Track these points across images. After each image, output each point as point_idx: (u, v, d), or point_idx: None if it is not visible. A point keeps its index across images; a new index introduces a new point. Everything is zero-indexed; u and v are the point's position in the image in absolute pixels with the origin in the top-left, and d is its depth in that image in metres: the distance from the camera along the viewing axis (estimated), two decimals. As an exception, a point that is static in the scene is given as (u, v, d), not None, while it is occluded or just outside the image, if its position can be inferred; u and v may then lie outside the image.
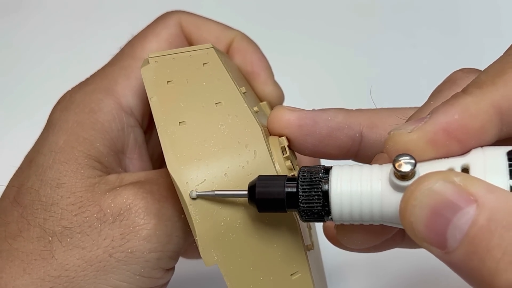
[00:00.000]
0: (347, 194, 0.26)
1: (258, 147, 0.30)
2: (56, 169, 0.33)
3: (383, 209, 0.26)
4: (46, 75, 0.63)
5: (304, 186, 0.27)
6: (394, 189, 0.26)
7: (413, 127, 0.26)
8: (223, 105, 0.32)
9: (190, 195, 0.28)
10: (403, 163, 0.25)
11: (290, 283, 0.30)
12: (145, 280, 0.32)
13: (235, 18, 0.48)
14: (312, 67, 0.65)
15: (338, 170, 0.27)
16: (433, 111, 0.26)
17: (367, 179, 0.26)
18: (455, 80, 0.31)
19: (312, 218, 0.28)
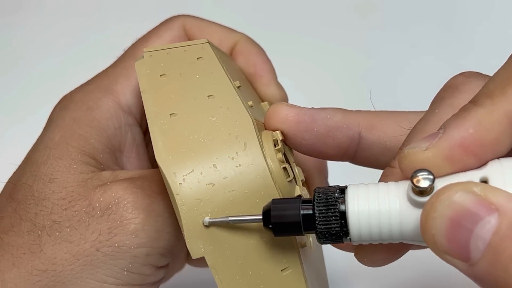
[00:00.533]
0: (365, 213, 0.26)
1: (248, 139, 0.30)
2: (49, 164, 0.33)
3: (402, 227, 0.26)
4: (48, 74, 0.63)
5: (320, 207, 0.27)
6: (412, 206, 0.25)
7: (428, 144, 0.26)
8: (215, 98, 0.31)
9: (204, 223, 0.28)
10: (421, 179, 0.24)
11: (280, 278, 0.29)
12: (133, 276, 0.31)
13: (233, 20, 0.48)
14: (312, 68, 0.64)
15: (354, 189, 0.27)
16: (445, 126, 0.26)
17: (384, 197, 0.26)
18: (456, 86, 0.30)
19: (330, 240, 0.27)
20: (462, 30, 0.66)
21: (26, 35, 0.67)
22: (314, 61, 0.65)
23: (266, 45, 0.41)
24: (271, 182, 0.29)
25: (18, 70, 0.64)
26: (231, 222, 0.28)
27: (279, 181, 0.30)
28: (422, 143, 0.26)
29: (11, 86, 0.63)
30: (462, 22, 0.67)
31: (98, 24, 0.67)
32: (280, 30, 0.67)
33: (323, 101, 0.34)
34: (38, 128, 0.36)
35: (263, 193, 0.29)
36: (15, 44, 0.66)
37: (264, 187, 0.29)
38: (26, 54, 0.65)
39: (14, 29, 0.67)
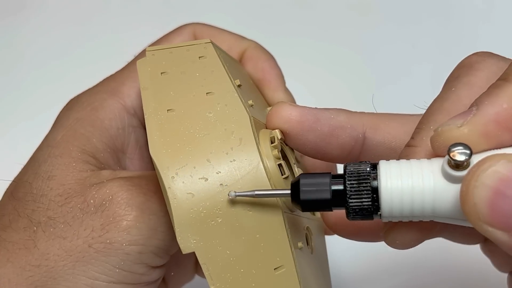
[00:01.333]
0: (398, 189, 0.25)
1: (244, 135, 0.29)
2: (49, 162, 0.33)
3: (436, 203, 0.25)
4: (57, 73, 0.64)
5: (352, 181, 0.26)
6: (448, 181, 0.25)
7: (462, 121, 0.26)
8: (214, 95, 0.31)
9: (229, 195, 0.27)
10: (458, 153, 0.24)
11: (273, 277, 0.28)
12: (125, 275, 0.31)
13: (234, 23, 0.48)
14: (312, 68, 0.64)
15: (386, 165, 0.26)
16: (478, 103, 0.26)
17: (417, 172, 0.26)
18: (471, 64, 0.30)
19: (360, 215, 0.26)
20: (462, 30, 0.66)
21: (32, 34, 0.68)
22: (314, 62, 0.65)
23: (267, 47, 0.41)
24: (265, 177, 0.28)
25: (28, 69, 0.65)
26: (257, 196, 0.27)
27: (273, 177, 0.29)
28: (457, 120, 0.26)
29: (19, 85, 0.64)
30: (462, 22, 0.66)
31: (101, 25, 0.68)
32: (280, 31, 0.67)
33: (322, 101, 0.33)
34: (46, 128, 0.37)
35: (256, 188, 0.28)
36: (22, 43, 0.67)
37: (258, 182, 0.28)
38: (35, 53, 0.66)
39: (21, 27, 0.68)
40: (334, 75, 0.63)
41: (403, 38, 0.65)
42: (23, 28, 0.68)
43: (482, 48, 0.55)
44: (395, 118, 0.33)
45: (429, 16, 0.67)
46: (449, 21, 0.67)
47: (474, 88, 0.29)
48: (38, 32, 0.68)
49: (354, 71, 0.63)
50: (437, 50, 0.64)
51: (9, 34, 0.68)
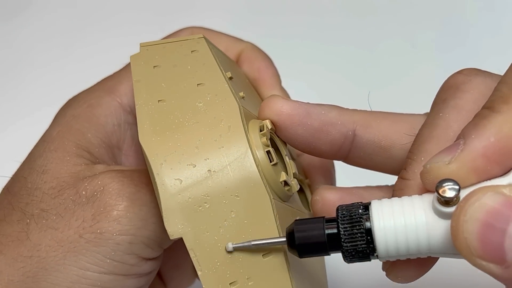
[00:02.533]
0: (391, 229, 0.25)
1: (232, 122, 0.29)
2: (44, 157, 0.34)
3: (430, 240, 0.25)
4: (56, 72, 0.64)
5: (345, 225, 0.26)
6: (439, 217, 0.25)
7: (450, 157, 0.25)
8: (205, 86, 0.31)
9: (226, 248, 0.27)
10: (447, 189, 0.24)
11: (261, 263, 0.28)
12: (116, 265, 0.30)
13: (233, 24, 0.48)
14: (312, 68, 0.64)
15: (377, 205, 0.26)
16: (465, 135, 0.26)
17: (409, 210, 0.25)
18: (457, 85, 0.30)
19: (357, 258, 0.26)
20: (462, 29, 0.65)
21: (33, 34, 0.69)
22: (314, 62, 0.65)
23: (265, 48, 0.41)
24: (253, 163, 0.28)
25: (27, 67, 0.66)
26: (254, 246, 0.27)
27: (262, 164, 0.29)
28: (444, 157, 0.26)
29: (18, 83, 0.65)
30: (462, 22, 0.66)
31: (105, 25, 0.68)
32: (280, 32, 0.67)
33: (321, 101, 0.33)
34: (45, 126, 0.37)
35: (244, 174, 0.28)
36: (22, 44, 0.68)
37: (246, 168, 0.28)
38: (35, 52, 0.67)
39: (22, 28, 0.69)
40: (333, 75, 0.63)
41: (402, 38, 0.65)
42: (23, 28, 0.69)
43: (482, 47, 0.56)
44: (387, 116, 0.33)
45: (429, 16, 0.67)
46: (449, 21, 0.67)
47: (462, 112, 0.28)
48: (39, 33, 0.69)
49: (353, 71, 0.63)
50: (437, 50, 0.64)
51: (9, 34, 0.69)
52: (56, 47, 0.67)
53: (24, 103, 0.62)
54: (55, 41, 0.68)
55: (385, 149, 0.32)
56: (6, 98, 0.64)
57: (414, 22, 0.67)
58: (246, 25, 0.67)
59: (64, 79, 0.58)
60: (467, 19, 0.66)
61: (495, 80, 0.28)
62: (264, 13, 0.70)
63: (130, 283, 0.31)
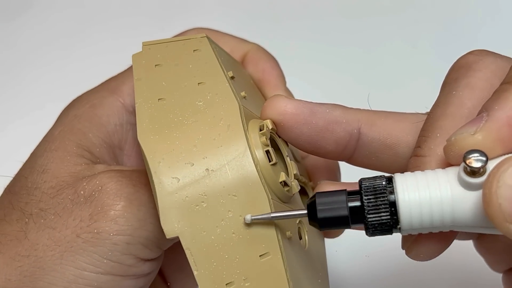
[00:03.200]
0: (416, 201, 0.25)
1: (232, 121, 0.29)
2: (45, 156, 0.34)
3: (455, 212, 0.25)
4: (61, 73, 0.65)
5: (369, 196, 0.26)
6: (465, 188, 0.25)
7: (475, 128, 0.25)
8: (206, 85, 0.31)
9: (245, 219, 0.27)
10: (474, 160, 0.24)
11: (258, 264, 0.27)
12: (113, 265, 0.30)
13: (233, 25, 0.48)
14: (311, 68, 0.63)
15: (402, 178, 0.26)
16: (487, 108, 0.26)
17: (434, 183, 0.25)
18: (469, 65, 0.30)
19: (379, 230, 0.26)
20: (462, 30, 0.65)
21: (36, 35, 0.69)
22: (314, 62, 0.64)
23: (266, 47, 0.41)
24: (252, 163, 0.28)
25: (28, 67, 0.66)
26: (274, 218, 0.27)
27: (260, 163, 0.28)
28: (469, 128, 0.26)
29: (19, 83, 0.65)
30: (462, 22, 0.66)
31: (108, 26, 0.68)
32: (282, 33, 0.67)
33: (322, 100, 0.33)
34: (46, 125, 0.37)
35: (242, 173, 0.28)
36: (24, 44, 0.69)
37: (244, 167, 0.28)
38: (38, 53, 0.68)
39: (24, 28, 0.70)
40: (333, 75, 0.63)
41: (403, 39, 0.65)
42: (25, 28, 0.70)
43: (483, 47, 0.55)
44: (390, 115, 0.32)
45: (430, 17, 0.67)
46: (449, 21, 0.66)
47: (475, 90, 0.28)
48: (41, 32, 0.69)
49: (354, 71, 0.63)
50: (438, 51, 0.64)
51: (12, 34, 0.69)
52: (58, 47, 0.68)
53: (25, 102, 0.63)
54: (57, 41, 0.68)
55: (391, 146, 0.32)
56: (7, 97, 0.64)
57: (416, 23, 0.67)
58: (248, 25, 0.67)
59: (65, 79, 0.59)
60: (469, 20, 0.66)
61: (505, 60, 0.29)
62: (265, 13, 0.70)
63: (127, 284, 0.31)
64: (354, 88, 0.60)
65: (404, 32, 0.66)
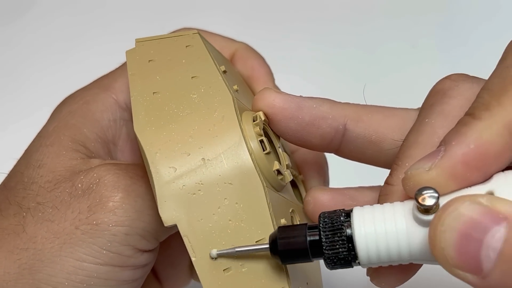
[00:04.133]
0: (372, 236, 0.26)
1: (226, 113, 0.30)
2: (40, 151, 0.34)
3: (410, 247, 0.25)
4: (55, 72, 0.65)
5: (326, 232, 0.26)
6: (419, 225, 0.25)
7: (430, 164, 0.25)
8: (199, 78, 0.32)
9: (210, 255, 0.27)
10: (427, 197, 0.25)
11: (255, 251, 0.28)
12: (112, 256, 0.31)
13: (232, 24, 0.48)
14: (311, 67, 0.64)
15: (359, 212, 0.26)
16: (445, 142, 0.26)
17: (390, 217, 0.26)
18: (444, 91, 0.30)
19: (339, 265, 0.27)
20: (462, 30, 0.66)
21: (32, 35, 0.70)
22: (313, 61, 0.65)
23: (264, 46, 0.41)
24: (246, 152, 0.29)
25: (28, 68, 0.67)
26: (238, 252, 0.27)
27: (255, 152, 0.29)
28: (425, 163, 0.26)
29: (19, 84, 0.65)
30: (462, 22, 0.66)
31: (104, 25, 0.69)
32: (280, 31, 0.68)
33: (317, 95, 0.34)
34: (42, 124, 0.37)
35: (237, 162, 0.28)
36: (21, 44, 0.69)
37: (239, 156, 0.29)
38: (37, 53, 0.68)
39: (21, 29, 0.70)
40: (332, 75, 0.63)
41: (402, 38, 0.66)
42: (26, 31, 0.70)
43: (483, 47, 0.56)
44: (379, 110, 0.33)
45: (429, 16, 0.67)
46: (449, 21, 0.67)
47: (448, 118, 0.29)
48: (42, 35, 0.70)
49: (353, 71, 0.64)
50: (437, 50, 0.64)
51: (13, 36, 0.70)
52: (57, 49, 0.68)
53: (25, 103, 0.63)
54: (56, 43, 0.69)
55: (375, 143, 0.32)
56: (7, 98, 0.64)
57: (414, 22, 0.67)
58: (246, 24, 0.67)
59: (64, 80, 0.58)
60: (468, 19, 0.66)
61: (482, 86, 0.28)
62: (264, 12, 0.70)
63: (126, 275, 0.31)
64: (352, 88, 0.60)
65: (404, 32, 0.66)
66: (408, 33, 0.66)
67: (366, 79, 0.60)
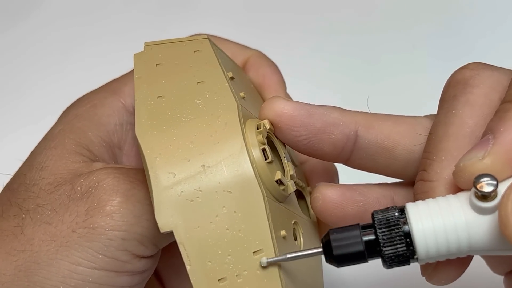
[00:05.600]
0: (430, 230, 0.25)
1: (229, 119, 0.29)
2: (44, 154, 0.34)
3: (471, 238, 0.25)
4: (63, 74, 0.65)
5: (383, 229, 0.26)
6: (478, 213, 0.25)
7: (483, 152, 0.25)
8: (205, 84, 0.31)
9: (261, 263, 0.27)
10: (485, 184, 0.24)
11: (251, 261, 0.27)
12: (108, 261, 0.30)
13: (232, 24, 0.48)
14: (311, 67, 0.64)
15: (414, 207, 0.26)
16: (492, 130, 0.26)
17: (446, 210, 0.25)
18: (466, 80, 0.29)
19: (397, 262, 0.26)
20: (462, 30, 0.65)
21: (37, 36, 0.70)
22: (313, 61, 0.64)
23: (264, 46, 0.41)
24: (247, 160, 0.28)
25: (34, 70, 0.67)
26: (290, 259, 0.27)
27: (256, 161, 0.29)
28: (477, 152, 0.26)
29: (24, 86, 0.66)
30: (462, 22, 0.66)
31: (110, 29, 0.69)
32: (281, 35, 0.67)
33: (321, 100, 0.33)
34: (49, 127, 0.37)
35: (237, 170, 0.28)
36: (26, 46, 0.70)
37: (240, 164, 0.28)
38: (39, 55, 0.68)
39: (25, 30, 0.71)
40: (332, 75, 0.63)
41: (403, 39, 0.65)
42: (27, 31, 0.71)
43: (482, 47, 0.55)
44: (389, 118, 0.32)
45: (430, 17, 0.67)
46: (449, 21, 0.66)
47: (475, 107, 0.28)
48: (44, 37, 0.70)
49: (353, 71, 0.63)
50: (438, 51, 0.64)
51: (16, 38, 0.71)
52: (60, 50, 0.69)
53: (31, 105, 0.63)
54: (59, 44, 0.69)
55: (388, 149, 0.32)
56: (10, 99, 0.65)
57: (415, 22, 0.67)
58: (248, 25, 0.67)
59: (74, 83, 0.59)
60: (468, 19, 0.66)
61: (502, 73, 0.28)
62: (265, 13, 0.70)
63: (122, 281, 0.31)
64: (353, 88, 0.60)
65: (404, 33, 0.66)
66: (408, 33, 0.66)
67: (366, 80, 0.60)
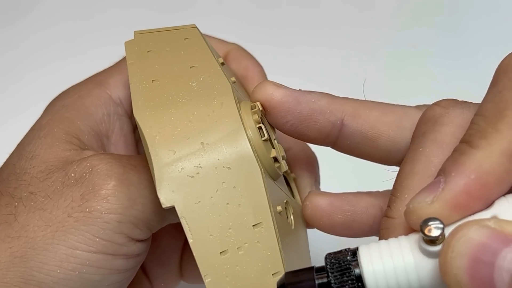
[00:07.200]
0: (381, 273, 0.25)
1: (225, 100, 0.30)
2: (33, 143, 0.34)
3: (420, 279, 0.25)
4: (49, 69, 0.66)
5: (335, 273, 0.26)
6: (426, 256, 0.25)
7: (432, 196, 0.25)
8: (198, 68, 0.32)
9: None
10: (432, 228, 0.24)
11: (251, 234, 0.28)
12: (105, 244, 0.30)
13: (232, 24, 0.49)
14: (311, 67, 0.64)
15: (365, 250, 0.26)
16: (445, 173, 0.26)
17: (397, 252, 0.25)
18: (435, 118, 0.30)
19: None
20: (462, 30, 0.66)
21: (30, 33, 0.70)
22: (313, 61, 0.65)
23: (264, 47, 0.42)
24: (245, 137, 0.29)
25: (21, 64, 0.67)
26: None
27: (253, 138, 0.29)
28: (426, 196, 0.26)
29: (17, 81, 0.66)
30: (462, 23, 0.67)
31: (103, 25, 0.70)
32: (280, 32, 0.68)
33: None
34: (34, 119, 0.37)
35: (236, 147, 0.29)
36: (19, 43, 0.69)
37: (238, 142, 0.29)
38: (36, 52, 0.68)
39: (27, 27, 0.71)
40: (332, 75, 0.64)
41: (403, 39, 0.66)
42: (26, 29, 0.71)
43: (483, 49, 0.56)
44: (377, 106, 0.33)
45: (430, 17, 0.68)
46: (449, 21, 0.67)
47: (442, 146, 0.29)
48: (41, 34, 0.70)
49: (353, 71, 0.64)
50: (438, 51, 0.65)
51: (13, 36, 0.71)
52: (57, 47, 0.69)
53: (22, 99, 0.63)
54: (56, 42, 0.69)
55: (372, 139, 0.33)
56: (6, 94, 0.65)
57: (415, 22, 0.68)
58: (246, 24, 0.67)
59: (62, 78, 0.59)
60: (468, 20, 0.67)
61: (472, 111, 0.28)
62: (263, 11, 0.71)
63: (118, 264, 0.31)
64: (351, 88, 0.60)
65: (404, 33, 0.67)
66: (408, 34, 0.66)
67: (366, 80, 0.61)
